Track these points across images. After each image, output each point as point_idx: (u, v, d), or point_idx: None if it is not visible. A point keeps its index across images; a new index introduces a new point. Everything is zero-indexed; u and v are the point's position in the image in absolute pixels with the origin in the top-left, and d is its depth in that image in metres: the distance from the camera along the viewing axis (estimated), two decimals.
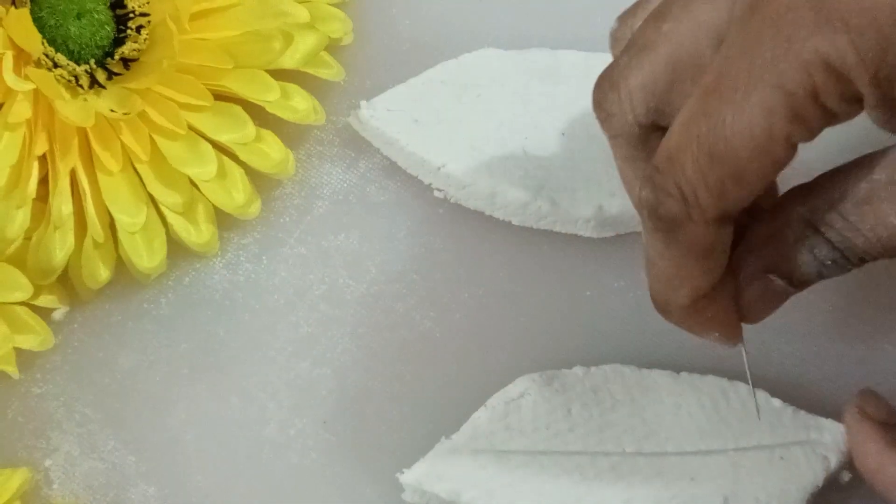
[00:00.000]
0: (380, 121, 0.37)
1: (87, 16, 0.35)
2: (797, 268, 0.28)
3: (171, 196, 0.35)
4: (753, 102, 0.24)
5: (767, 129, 0.24)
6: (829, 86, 0.23)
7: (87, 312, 0.36)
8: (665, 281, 0.28)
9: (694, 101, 0.25)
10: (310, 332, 0.36)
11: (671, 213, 0.26)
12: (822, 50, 0.23)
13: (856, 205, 0.26)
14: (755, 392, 0.32)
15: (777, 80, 0.24)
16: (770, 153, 0.24)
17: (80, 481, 0.34)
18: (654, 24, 0.27)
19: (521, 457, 0.32)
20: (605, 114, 0.29)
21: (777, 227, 0.28)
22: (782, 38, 0.23)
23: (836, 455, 0.31)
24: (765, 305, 0.29)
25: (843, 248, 0.27)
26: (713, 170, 0.25)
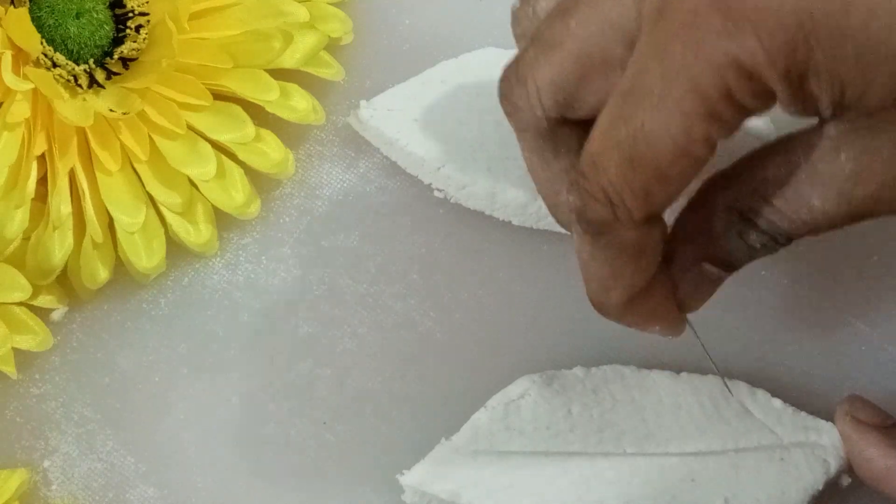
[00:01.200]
0: (380, 121, 0.37)
1: (86, 15, 0.35)
2: (728, 254, 0.28)
3: (170, 196, 0.35)
4: (670, 105, 0.24)
5: (685, 131, 0.24)
6: (742, 85, 0.24)
7: (86, 312, 0.36)
8: (599, 282, 0.28)
9: (612, 105, 0.26)
10: (310, 332, 0.36)
11: (599, 216, 0.26)
12: (732, 52, 0.23)
13: (778, 189, 0.27)
14: (725, 380, 0.32)
15: (690, 82, 0.24)
16: (690, 153, 0.25)
17: (79, 482, 0.34)
18: (562, 20, 0.27)
19: (521, 457, 0.32)
20: (513, 107, 0.29)
21: (704, 217, 0.28)
22: (692, 42, 0.24)
23: (835, 459, 0.31)
24: (701, 293, 0.30)
25: (771, 231, 0.27)
26: (636, 173, 0.25)
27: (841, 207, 0.26)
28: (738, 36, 0.23)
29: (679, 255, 0.29)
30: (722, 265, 0.29)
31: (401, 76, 0.38)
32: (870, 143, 0.25)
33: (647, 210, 0.26)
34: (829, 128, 0.26)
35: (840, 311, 0.35)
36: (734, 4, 0.23)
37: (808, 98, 0.24)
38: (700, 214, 0.29)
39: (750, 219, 0.27)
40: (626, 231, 0.27)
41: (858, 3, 0.23)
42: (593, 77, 0.27)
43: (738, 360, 0.35)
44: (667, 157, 0.25)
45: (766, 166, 0.27)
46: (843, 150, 0.26)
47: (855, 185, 0.26)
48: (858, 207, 0.26)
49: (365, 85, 0.39)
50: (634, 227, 0.26)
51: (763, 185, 0.27)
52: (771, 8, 0.23)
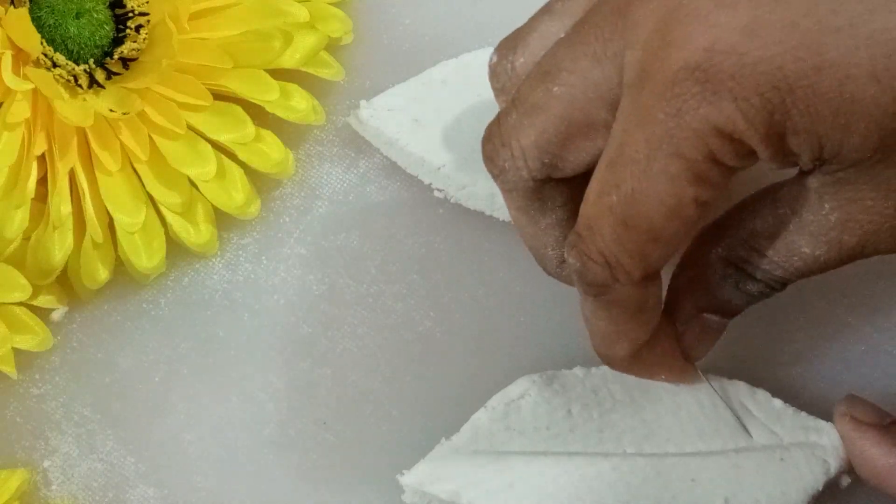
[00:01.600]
0: (380, 121, 0.37)
1: (86, 15, 0.35)
2: (727, 303, 0.30)
3: (170, 196, 0.35)
4: (656, 171, 0.25)
5: (674, 194, 0.25)
6: (724, 148, 0.25)
7: (86, 313, 0.36)
8: (604, 338, 0.29)
9: (602, 171, 0.26)
10: (310, 332, 0.36)
11: (598, 278, 0.27)
12: (712, 118, 0.24)
13: (768, 240, 0.28)
14: (727, 402, 0.32)
15: (674, 148, 0.25)
16: (681, 215, 0.26)
17: (79, 482, 0.34)
18: (543, 83, 0.28)
19: (521, 457, 0.32)
20: (499, 170, 0.29)
21: (699, 270, 0.29)
22: (673, 110, 0.25)
23: (835, 460, 0.31)
24: (705, 342, 0.31)
25: (766, 279, 0.28)
26: (631, 236, 0.26)
27: (832, 254, 0.27)
28: (716, 102, 0.24)
29: (679, 308, 0.30)
30: (722, 313, 0.30)
31: (401, 76, 0.38)
32: (851, 194, 0.26)
33: (644, 270, 0.27)
34: (812, 179, 0.26)
35: (840, 311, 0.35)
36: (711, 71, 0.24)
37: (789, 155, 0.25)
38: (695, 268, 0.29)
39: (744, 269, 0.28)
40: (626, 290, 0.27)
41: (831, 63, 0.24)
42: (577, 139, 0.28)
43: (738, 361, 0.35)
44: (659, 220, 0.26)
45: (754, 218, 0.28)
46: (827, 201, 0.26)
47: (842, 234, 0.27)
48: (848, 252, 0.27)
49: (365, 85, 0.39)
50: (633, 286, 0.27)
51: (753, 237, 0.28)
52: (747, 73, 0.24)
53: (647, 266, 0.27)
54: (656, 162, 0.25)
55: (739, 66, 0.24)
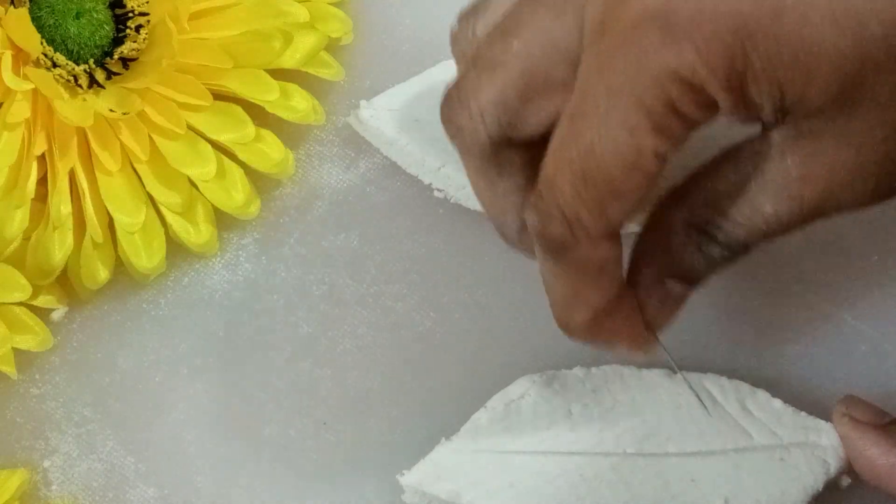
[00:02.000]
0: (380, 121, 0.37)
1: (86, 15, 0.35)
2: (689, 268, 0.29)
3: (170, 196, 0.35)
4: (616, 121, 0.25)
5: (634, 146, 0.25)
6: (685, 96, 0.24)
7: (86, 313, 0.36)
8: (563, 301, 0.29)
9: (562, 125, 0.26)
10: (310, 332, 0.36)
11: (557, 236, 0.27)
12: (673, 64, 0.24)
13: (731, 200, 0.27)
14: (696, 390, 0.32)
15: (634, 97, 0.24)
16: (640, 167, 0.25)
17: (79, 482, 0.34)
18: (503, 40, 0.28)
19: (521, 458, 0.32)
20: (456, 129, 0.29)
21: (662, 234, 0.29)
22: (633, 57, 0.24)
23: (835, 460, 0.31)
24: (668, 310, 0.30)
25: (728, 241, 0.28)
26: (590, 191, 0.26)
27: (793, 211, 0.27)
28: (676, 49, 0.24)
29: (641, 275, 0.29)
30: (684, 280, 0.29)
31: (401, 76, 0.38)
32: (813, 146, 0.26)
33: (603, 227, 0.26)
34: (774, 134, 0.26)
35: (840, 311, 0.35)
36: (671, 18, 0.24)
37: (751, 105, 0.25)
38: (658, 232, 0.29)
39: (706, 231, 0.28)
40: (586, 249, 0.27)
41: (790, 7, 0.23)
42: (536, 97, 0.28)
43: (738, 360, 0.35)
44: (618, 173, 0.25)
45: (717, 178, 0.27)
46: (789, 155, 0.26)
47: (803, 188, 0.26)
48: (810, 209, 0.26)
49: (365, 85, 0.39)
50: (593, 244, 0.27)
51: (716, 197, 0.27)
52: (706, 19, 0.24)
53: (607, 222, 0.26)
54: (616, 112, 0.25)
55: (698, 11, 0.24)
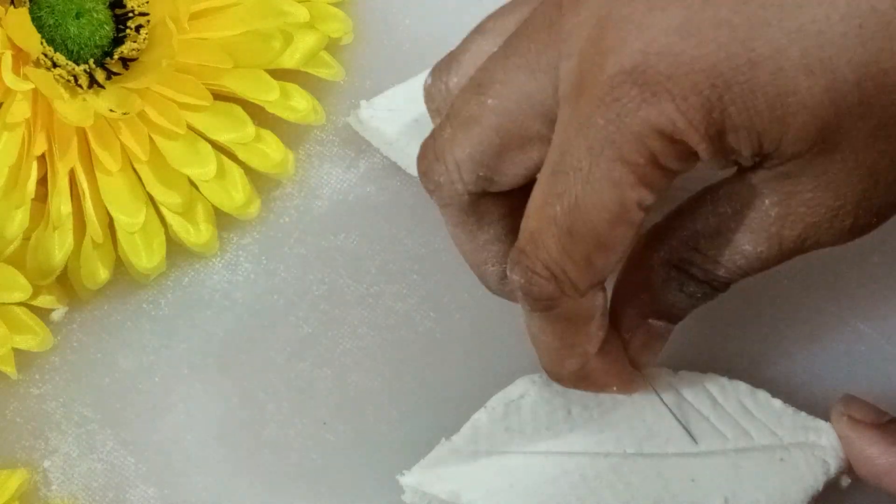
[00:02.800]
0: (380, 121, 0.37)
1: (87, 15, 0.35)
2: (671, 307, 0.29)
3: (170, 196, 0.35)
4: (599, 177, 0.25)
5: (618, 200, 0.25)
6: (666, 150, 0.25)
7: (86, 313, 0.36)
8: (552, 354, 0.29)
9: (543, 182, 0.26)
10: (310, 332, 0.36)
11: (545, 292, 0.27)
12: (652, 120, 0.24)
13: (710, 239, 0.28)
14: (681, 421, 0.32)
15: (616, 153, 0.25)
16: (626, 219, 0.26)
17: (79, 482, 0.34)
18: (477, 96, 0.28)
19: (521, 458, 0.32)
20: (434, 185, 0.29)
21: (643, 275, 0.29)
22: (614, 115, 0.25)
23: (835, 460, 0.31)
24: (652, 349, 0.31)
25: (708, 279, 0.28)
26: (576, 246, 0.26)
27: (772, 250, 0.27)
28: (655, 103, 0.24)
29: (624, 315, 0.30)
30: (666, 318, 0.30)
31: (401, 76, 0.38)
32: (792, 189, 0.26)
33: (591, 280, 0.27)
34: (752, 176, 0.26)
35: (840, 311, 0.35)
36: (648, 73, 0.24)
37: (729, 152, 0.25)
38: (639, 273, 0.29)
39: (687, 271, 0.28)
40: (574, 303, 0.27)
41: (765, 59, 0.24)
42: (512, 152, 0.28)
43: (738, 360, 0.35)
44: (604, 227, 0.26)
45: (695, 219, 0.28)
46: (768, 197, 0.26)
47: (782, 229, 0.27)
48: (789, 248, 0.27)
49: (365, 85, 0.39)
50: (581, 297, 0.27)
51: (695, 239, 0.28)
52: (683, 73, 0.24)
53: (595, 275, 0.27)
54: (598, 168, 0.25)
55: (675, 66, 0.24)
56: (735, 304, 0.35)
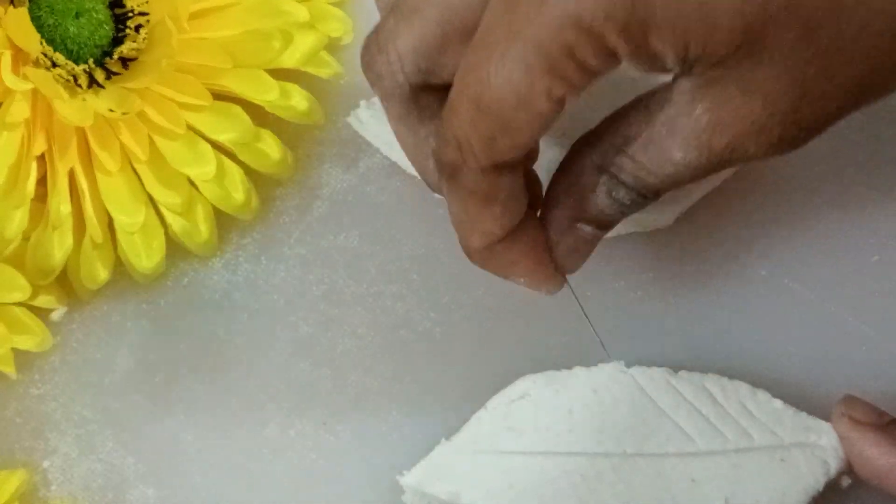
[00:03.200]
0: (380, 121, 0.37)
1: (86, 15, 0.35)
2: (600, 212, 0.29)
3: (169, 196, 0.35)
4: (513, 57, 0.25)
5: (528, 84, 0.25)
6: (583, 42, 0.25)
7: (86, 313, 0.36)
8: (459, 225, 0.29)
9: (466, 55, 0.26)
10: (310, 332, 0.36)
11: (449, 159, 0.27)
12: (572, 9, 0.24)
13: (641, 146, 0.27)
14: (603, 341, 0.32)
15: (533, 38, 0.25)
16: (533, 106, 0.25)
17: (79, 482, 0.34)
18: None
19: (521, 458, 0.32)
20: (376, 76, 0.29)
21: (573, 178, 0.29)
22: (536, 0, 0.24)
23: (835, 460, 0.31)
24: (579, 254, 0.31)
25: (638, 186, 0.28)
26: (482, 120, 0.26)
27: (701, 158, 0.27)
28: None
29: (553, 218, 0.30)
30: (595, 224, 0.30)
31: None
32: (720, 96, 0.26)
33: (491, 157, 0.27)
34: (683, 82, 0.26)
35: (840, 311, 0.35)
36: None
37: (653, 55, 0.25)
38: (570, 176, 0.29)
39: (617, 176, 0.28)
40: (473, 176, 0.27)
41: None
42: (453, 43, 0.28)
43: (738, 360, 0.35)
44: (510, 108, 0.26)
45: (628, 125, 0.28)
46: (698, 103, 0.26)
47: (712, 136, 0.26)
48: (718, 156, 0.27)
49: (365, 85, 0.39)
50: (481, 173, 0.27)
51: (627, 144, 0.28)
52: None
53: (494, 153, 0.27)
54: (514, 48, 0.25)
55: None
56: (735, 305, 0.35)
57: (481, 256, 0.30)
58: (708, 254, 0.36)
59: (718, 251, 0.36)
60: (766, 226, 0.37)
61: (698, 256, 0.36)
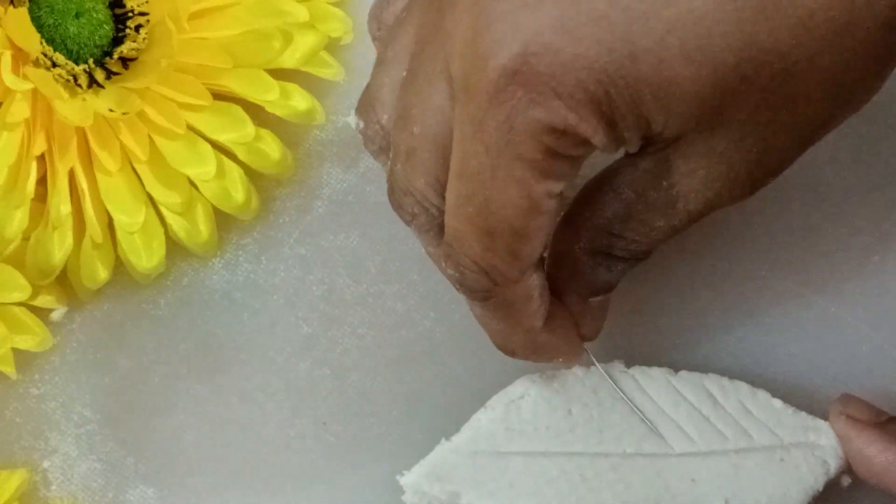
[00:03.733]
0: None
1: (86, 15, 0.35)
2: (605, 284, 0.30)
3: (170, 196, 0.35)
4: (503, 177, 0.25)
5: (526, 195, 0.26)
6: (562, 142, 0.25)
7: (86, 313, 0.36)
8: (502, 336, 0.30)
9: (453, 186, 0.27)
10: (310, 332, 0.36)
11: (479, 285, 0.28)
12: (544, 119, 0.25)
13: (624, 224, 0.28)
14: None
15: (514, 154, 0.25)
16: (539, 210, 0.26)
17: (79, 482, 0.34)
18: (406, 130, 0.28)
19: (521, 458, 0.32)
20: (410, 216, 0.30)
21: (570, 265, 0.30)
22: (504, 117, 0.25)
23: (835, 460, 0.31)
24: (599, 321, 0.32)
25: (629, 255, 0.29)
26: (497, 242, 0.26)
27: (683, 221, 0.28)
28: (543, 103, 0.24)
29: (565, 302, 0.31)
30: (604, 292, 0.31)
31: None
32: (684, 167, 0.27)
33: (520, 268, 0.27)
34: (644, 161, 0.27)
35: (840, 311, 0.35)
36: (530, 74, 0.24)
37: (620, 139, 0.26)
38: (566, 264, 0.30)
39: (610, 254, 0.29)
40: (509, 290, 0.28)
41: (645, 51, 0.24)
42: None
43: (738, 360, 0.35)
44: (519, 222, 0.26)
45: (603, 208, 0.28)
46: (664, 178, 0.27)
47: (686, 203, 0.27)
48: (699, 214, 0.28)
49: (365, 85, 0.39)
50: (515, 284, 0.28)
51: (610, 225, 0.28)
52: (566, 71, 0.24)
53: (523, 263, 0.27)
54: (500, 170, 0.25)
55: (557, 64, 0.24)
56: (735, 304, 0.35)
57: (527, 351, 0.30)
58: (708, 254, 0.36)
59: (718, 251, 0.36)
60: (766, 226, 0.37)
61: (698, 257, 0.36)
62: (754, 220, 0.37)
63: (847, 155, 0.38)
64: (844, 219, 0.37)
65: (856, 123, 0.38)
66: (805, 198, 0.37)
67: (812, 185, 0.37)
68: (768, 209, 0.37)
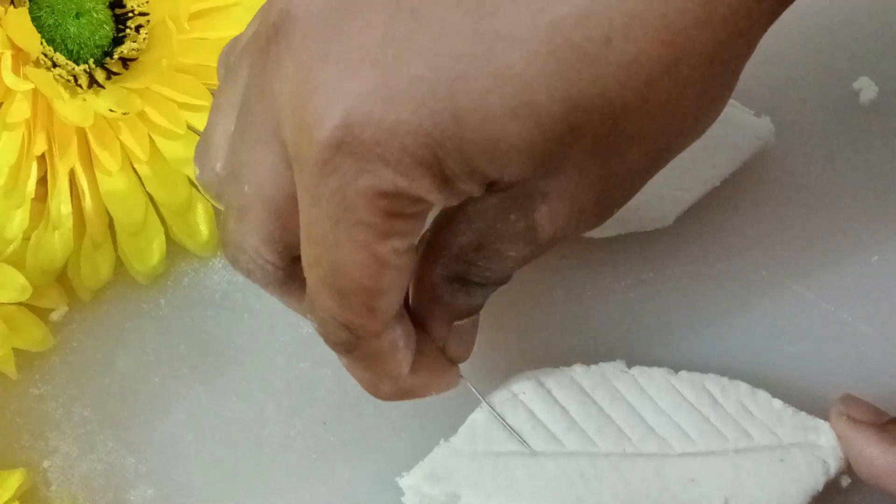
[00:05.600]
0: None
1: (86, 15, 0.35)
2: (468, 307, 0.30)
3: (170, 196, 0.35)
4: (345, 243, 0.25)
5: (372, 256, 0.25)
6: (398, 203, 0.25)
7: (86, 313, 0.36)
8: (371, 383, 0.30)
9: (303, 249, 0.27)
10: (310, 333, 0.36)
11: (340, 339, 0.28)
12: (374, 185, 0.24)
13: (477, 252, 0.28)
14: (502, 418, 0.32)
15: (352, 219, 0.25)
16: (388, 267, 0.26)
17: (79, 482, 0.34)
18: (236, 186, 0.28)
19: (520, 458, 0.32)
20: (246, 272, 0.29)
21: (430, 293, 0.30)
22: (336, 186, 0.25)
23: (835, 460, 0.31)
24: (468, 343, 0.31)
25: (486, 282, 0.29)
26: (354, 302, 0.26)
27: (533, 251, 0.28)
28: (372, 171, 0.24)
29: (432, 329, 0.30)
30: (467, 315, 0.30)
31: None
32: (528, 205, 0.27)
33: (381, 321, 0.27)
34: (491, 198, 0.27)
35: (840, 311, 0.35)
36: (355, 144, 0.24)
37: (459, 192, 0.26)
38: (426, 292, 0.30)
39: (468, 280, 0.29)
40: (372, 342, 0.28)
41: (466, 110, 0.24)
42: (291, 218, 0.28)
43: (738, 360, 0.35)
44: (369, 281, 0.26)
45: (456, 236, 0.28)
46: (512, 213, 0.27)
47: (535, 236, 0.27)
48: (548, 244, 0.28)
49: None
50: (377, 336, 0.28)
51: (463, 253, 0.28)
52: (390, 138, 0.24)
53: (382, 317, 0.27)
54: (341, 235, 0.25)
55: (380, 132, 0.24)
56: (734, 305, 0.35)
57: (396, 395, 0.30)
58: (708, 254, 0.36)
59: (718, 251, 0.36)
60: (766, 226, 0.37)
61: (698, 256, 0.36)
62: (754, 220, 0.37)
63: (847, 155, 0.38)
64: (844, 219, 0.37)
65: (855, 123, 0.38)
66: (805, 198, 0.37)
67: (812, 185, 0.37)
68: (767, 209, 0.37)
